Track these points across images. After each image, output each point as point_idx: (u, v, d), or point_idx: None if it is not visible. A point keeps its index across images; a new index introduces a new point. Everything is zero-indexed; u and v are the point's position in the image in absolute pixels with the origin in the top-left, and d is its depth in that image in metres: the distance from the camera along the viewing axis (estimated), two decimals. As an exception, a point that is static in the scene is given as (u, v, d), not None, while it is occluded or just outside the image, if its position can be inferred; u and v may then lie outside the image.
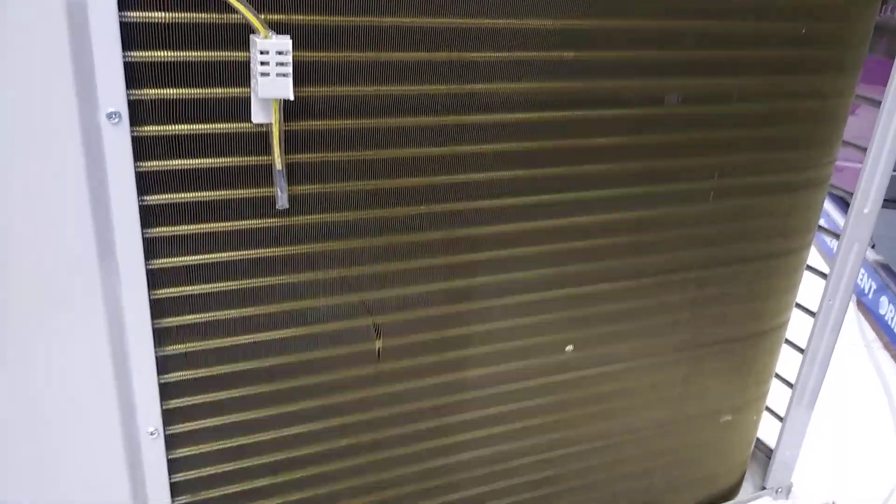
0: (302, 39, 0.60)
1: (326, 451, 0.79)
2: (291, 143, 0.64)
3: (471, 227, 0.75)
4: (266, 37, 0.57)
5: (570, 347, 0.88)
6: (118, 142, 0.57)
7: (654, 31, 0.74)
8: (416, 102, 0.67)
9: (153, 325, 0.65)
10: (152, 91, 0.58)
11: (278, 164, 0.63)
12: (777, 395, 1.13)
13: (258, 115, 0.61)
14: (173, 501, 0.73)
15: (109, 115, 0.56)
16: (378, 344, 0.77)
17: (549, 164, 0.76)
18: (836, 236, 1.00)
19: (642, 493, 1.05)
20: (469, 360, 0.82)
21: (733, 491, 1.15)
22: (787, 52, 0.82)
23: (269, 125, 0.61)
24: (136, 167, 0.59)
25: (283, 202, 0.65)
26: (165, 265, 0.64)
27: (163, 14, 0.56)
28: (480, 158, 0.72)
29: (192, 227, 0.64)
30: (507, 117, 0.72)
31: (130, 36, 0.55)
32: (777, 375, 1.12)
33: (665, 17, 0.74)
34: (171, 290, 0.65)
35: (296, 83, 0.60)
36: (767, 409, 1.14)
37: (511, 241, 0.78)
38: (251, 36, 0.58)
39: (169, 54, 0.57)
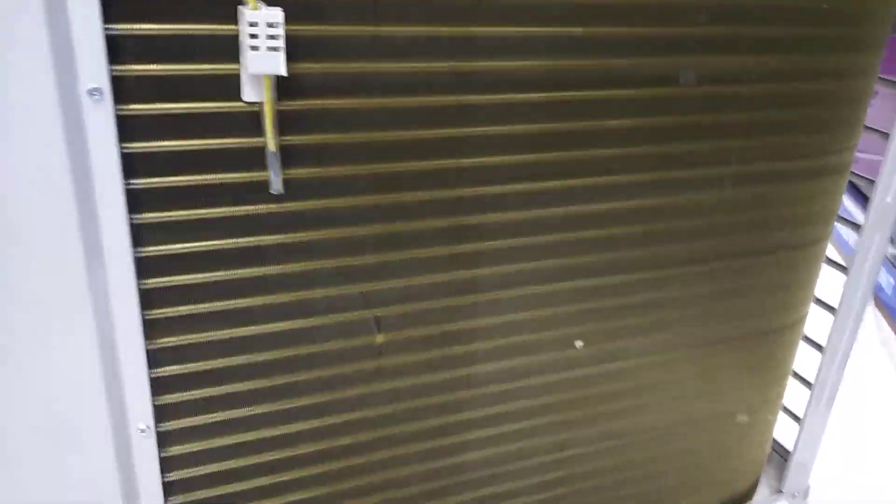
0: (295, 12, 0.57)
1: (327, 449, 0.76)
2: (286, 123, 0.61)
3: (475, 215, 0.72)
4: (255, 7, 0.54)
5: (579, 343, 0.84)
6: (101, 120, 0.54)
7: (667, 6, 0.70)
8: (417, 81, 0.64)
9: (143, 315, 0.62)
10: (137, 67, 0.55)
11: (271, 145, 0.60)
12: (794, 395, 1.09)
13: (249, 93, 0.58)
14: (167, 501, 0.70)
15: (91, 92, 0.53)
16: (379, 338, 0.73)
17: (557, 148, 0.72)
18: (857, 227, 0.96)
19: (654, 494, 1.01)
20: (474, 356, 0.79)
21: (748, 494, 1.11)
22: (806, 29, 0.78)
23: (260, 104, 0.58)
24: (121, 148, 0.56)
25: (277, 186, 0.62)
26: (154, 253, 0.61)
27: (148, -16, 0.53)
28: (485, 141, 0.69)
29: (181, 213, 0.61)
30: (512, 98, 0.68)
31: (113, 6, 0.52)
32: (794, 373, 1.08)
33: (678, -8, 0.70)
34: (161, 279, 0.62)
35: (289, 59, 0.57)
36: (784, 408, 1.10)
37: (517, 229, 0.74)
38: (239, 7, 0.54)
39: (155, 27, 0.54)
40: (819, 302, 1.03)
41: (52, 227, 0.55)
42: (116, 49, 0.54)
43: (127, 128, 0.56)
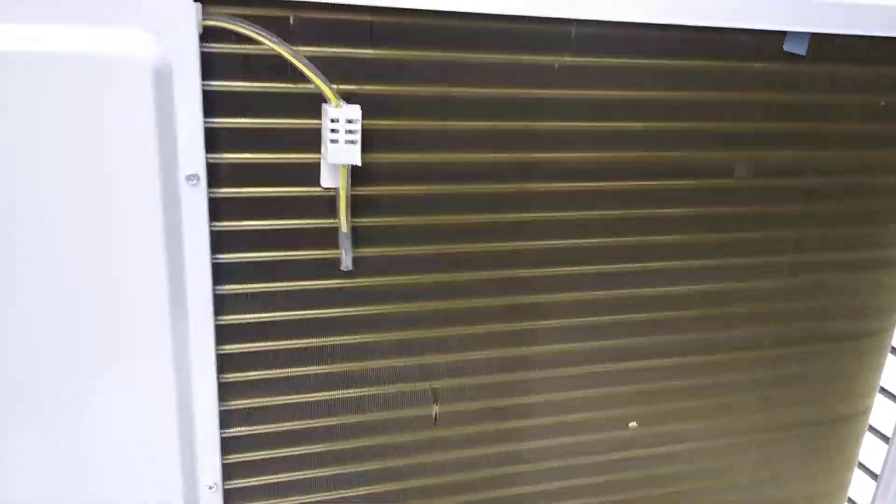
0: (372, 108, 0.63)
1: (379, 515, 0.78)
2: (358, 207, 0.66)
3: (531, 295, 0.75)
4: (337, 106, 0.59)
5: (633, 424, 0.85)
6: (196, 202, 0.60)
7: (723, 103, 0.74)
8: (481, 170, 0.68)
9: (218, 379, 0.67)
10: (230, 155, 0.61)
11: (344, 227, 0.65)
12: (861, 486, 1.05)
13: (327, 180, 0.63)
14: (227, 556, 0.73)
15: (189, 177, 0.59)
16: (435, 409, 0.76)
17: (614, 234, 0.75)
18: (924, 318, 0.94)
19: (710, 583, 0.98)
20: (526, 432, 0.81)
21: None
22: (863, 126, 0.79)
23: (336, 189, 0.64)
24: (210, 226, 0.62)
25: (347, 264, 0.67)
26: (233, 321, 0.66)
27: (242, 83, 0.60)
28: (543, 226, 0.73)
29: (259, 285, 0.66)
30: (571, 186, 0.72)
31: (212, 103, 0.59)
32: (860, 464, 1.05)
33: (733, 89, 0.73)
34: (237, 345, 0.67)
35: (364, 149, 0.62)
36: (850, 500, 1.06)
37: (571, 310, 0.77)
38: (323, 104, 0.61)
39: (247, 121, 0.61)
40: (885, 392, 1.01)
41: (146, 294, 0.61)
42: (213, 140, 0.60)
43: (217, 208, 0.62)
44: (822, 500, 1.00)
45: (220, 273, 0.64)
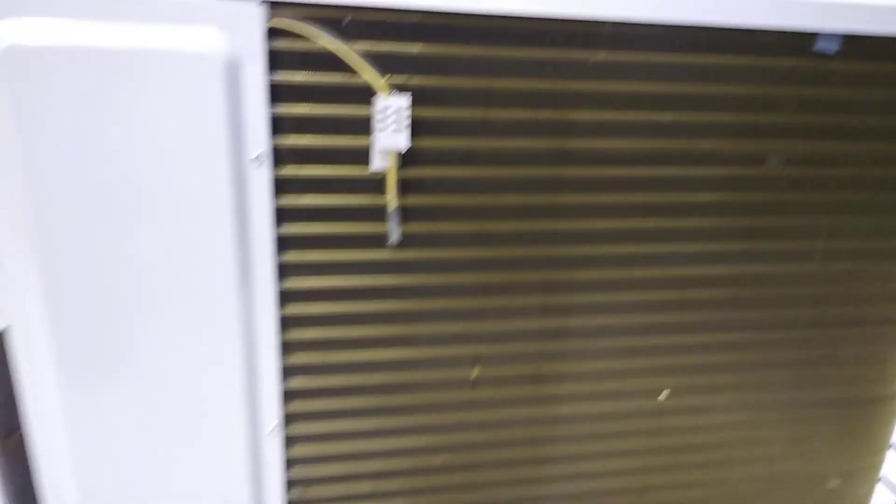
0: (420, 97, 0.68)
1: (424, 466, 0.86)
2: (406, 187, 0.72)
3: (566, 272, 0.80)
4: (388, 96, 0.65)
5: (665, 394, 0.89)
6: (260, 181, 0.68)
7: (753, 97, 0.76)
8: (519, 155, 0.73)
9: (280, 337, 0.75)
10: (290, 139, 0.68)
11: (392, 205, 0.71)
12: (894, 466, 1.07)
13: (377, 162, 0.70)
14: (287, 493, 0.83)
15: (254, 159, 0.66)
16: (474, 372, 0.83)
17: (649, 217, 0.79)
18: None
19: (738, 549, 1.03)
20: (562, 398, 0.87)
21: (840, 561, 1.10)
22: (893, 119, 0.80)
23: (386, 171, 0.70)
24: (274, 202, 0.70)
25: (394, 238, 0.74)
26: (293, 287, 0.74)
27: (303, 75, 0.66)
28: (578, 208, 0.77)
29: (316, 254, 0.74)
30: (606, 172, 0.76)
31: (275, 92, 0.66)
32: (894, 445, 1.06)
33: (764, 83, 0.76)
34: (296, 308, 0.75)
35: (412, 135, 0.68)
36: (883, 480, 1.08)
37: (605, 287, 0.82)
38: (375, 94, 0.67)
39: (307, 108, 0.68)
40: (926, 376, 1.02)
41: (218, 262, 0.70)
42: (276, 125, 0.67)
43: (279, 186, 0.70)
44: (855, 479, 1.02)
45: (283, 244, 0.72)
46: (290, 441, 0.81)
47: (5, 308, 0.71)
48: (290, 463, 0.82)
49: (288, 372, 0.78)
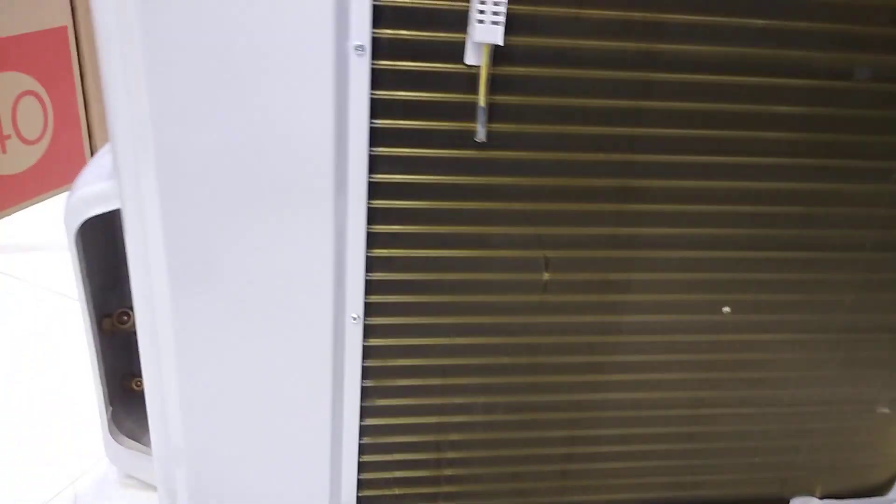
0: (516, -5, 0.71)
1: (489, 364, 0.90)
2: (496, 84, 0.75)
3: (643, 179, 0.82)
4: (487, -11, 0.68)
5: (726, 309, 0.92)
6: (361, 71, 0.71)
7: (848, 5, 0.76)
8: (608, 57, 0.75)
9: (367, 229, 0.79)
10: (389, 31, 0.71)
11: (482, 101, 0.74)
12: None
13: (471, 57, 0.72)
14: (363, 381, 0.87)
15: (356, 48, 0.69)
16: (545, 276, 0.86)
17: (730, 127, 0.81)
18: None
19: (784, 468, 1.06)
20: (627, 306, 0.90)
21: (886, 486, 1.13)
22: None
23: (478, 67, 0.72)
24: (370, 94, 0.73)
25: (481, 136, 0.76)
26: (382, 180, 0.78)
27: (407, -32, 0.69)
28: (662, 113, 0.79)
29: (405, 150, 0.77)
30: (692, 77, 0.78)
31: (380, -16, 0.69)
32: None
33: (862, -8, 0.76)
34: (383, 201, 0.79)
35: (506, 32, 0.70)
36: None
37: (680, 196, 0.84)
38: (475, -12, 0.69)
39: (408, 1, 0.70)
40: None
41: (318, 149, 0.73)
42: (378, 16, 0.70)
43: (376, 78, 0.73)
44: (906, 406, 1.05)
45: (375, 136, 0.75)
46: (368, 331, 0.85)
47: (118, 188, 0.75)
48: (367, 352, 0.87)
49: (372, 263, 0.82)
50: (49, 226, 1.92)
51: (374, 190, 0.78)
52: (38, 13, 1.91)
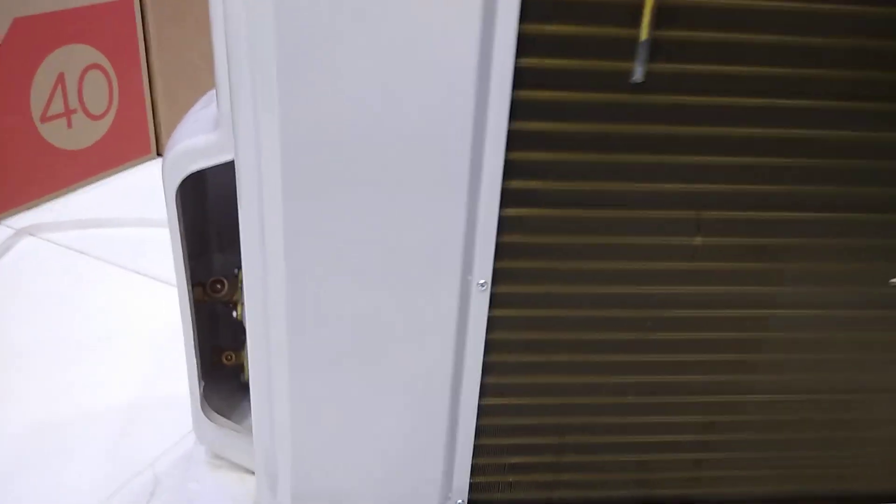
0: None
1: (627, 340, 0.81)
2: (661, 17, 0.65)
3: (810, 129, 0.72)
4: None
5: (894, 280, 0.81)
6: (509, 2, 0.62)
7: None
8: (792, -17, 0.65)
9: (502, 185, 0.70)
10: (546, -47, 0.62)
11: (644, 34, 0.65)
12: None
13: (638, -17, 0.63)
14: (485, 356, 0.79)
15: (509, -29, 0.60)
16: (697, 240, 0.77)
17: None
18: None
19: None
20: (783, 274, 0.80)
21: None
22: None
23: (645, -5, 0.63)
24: (518, 28, 0.64)
25: (638, 75, 0.67)
26: (522, 128, 0.69)
27: None
28: (840, 52, 0.69)
29: (550, 93, 0.68)
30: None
31: None
32: None
33: None
34: (521, 154, 0.70)
35: (681, -49, 0.61)
36: None
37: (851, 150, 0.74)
38: None
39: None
40: None
41: (459, 91, 0.65)
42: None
43: (524, 10, 0.64)
44: None
45: (519, 78, 0.66)
46: (496, 300, 0.77)
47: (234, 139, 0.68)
48: (491, 324, 0.78)
49: (504, 224, 0.73)
50: (114, 203, 1.88)
51: (512, 140, 0.69)
52: (104, -17, 1.86)
